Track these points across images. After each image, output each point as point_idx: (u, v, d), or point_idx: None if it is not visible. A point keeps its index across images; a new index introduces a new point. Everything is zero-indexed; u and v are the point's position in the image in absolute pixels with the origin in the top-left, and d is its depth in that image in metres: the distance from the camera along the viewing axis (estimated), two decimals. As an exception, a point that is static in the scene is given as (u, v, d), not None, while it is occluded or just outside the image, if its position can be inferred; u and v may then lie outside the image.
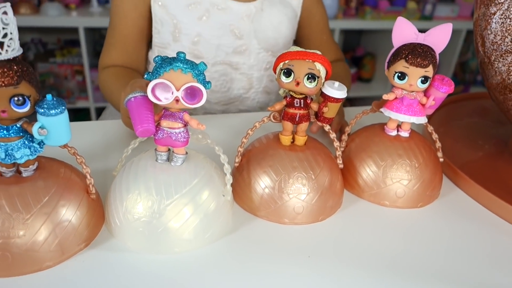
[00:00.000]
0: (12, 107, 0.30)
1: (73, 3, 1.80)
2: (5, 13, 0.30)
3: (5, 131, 0.32)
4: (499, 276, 0.37)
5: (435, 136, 0.46)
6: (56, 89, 1.90)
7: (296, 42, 0.78)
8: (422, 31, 0.42)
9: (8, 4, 0.30)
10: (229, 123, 0.60)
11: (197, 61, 0.35)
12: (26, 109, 0.31)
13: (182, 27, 0.66)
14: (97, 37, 2.05)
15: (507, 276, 0.37)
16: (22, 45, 1.63)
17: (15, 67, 0.30)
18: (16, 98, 0.30)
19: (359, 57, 2.36)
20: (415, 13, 2.09)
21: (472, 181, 0.46)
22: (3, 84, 0.30)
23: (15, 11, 1.67)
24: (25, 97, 0.31)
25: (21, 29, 1.94)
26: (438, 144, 0.47)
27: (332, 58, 0.79)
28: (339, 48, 0.81)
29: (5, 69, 0.30)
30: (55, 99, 0.32)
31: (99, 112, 1.93)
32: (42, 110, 0.31)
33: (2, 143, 0.32)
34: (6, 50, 0.30)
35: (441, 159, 0.47)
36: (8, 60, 0.30)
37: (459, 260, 0.38)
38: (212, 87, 0.71)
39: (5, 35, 0.30)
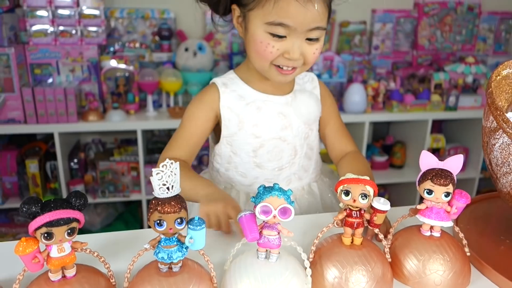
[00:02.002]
0: (176, 226, 0.48)
1: (132, 109, 2.08)
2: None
3: (168, 241, 0.48)
4: None
5: (461, 235, 0.60)
6: (114, 184, 2.12)
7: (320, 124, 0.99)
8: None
9: (177, 164, 0.49)
10: (298, 225, 0.75)
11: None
12: (183, 226, 0.48)
13: (245, 119, 0.88)
14: (149, 136, 2.32)
15: None
16: (84, 145, 1.92)
17: (178, 201, 0.48)
18: (179, 220, 0.47)
19: (390, 145, 2.51)
20: (439, 105, 2.25)
21: (495, 271, 0.59)
22: (172, 212, 0.47)
23: (85, 119, 1.96)
24: (183, 218, 0.48)
25: (87, 132, 2.24)
26: (465, 241, 0.60)
27: (348, 149, 0.97)
28: (352, 139, 1.00)
29: (173, 202, 0.47)
30: (199, 219, 0.49)
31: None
32: (192, 226, 0.48)
33: (166, 249, 0.48)
34: (174, 190, 0.48)
35: (468, 253, 0.60)
36: (174, 196, 0.48)
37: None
38: (269, 157, 0.91)
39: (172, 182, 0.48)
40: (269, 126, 0.90)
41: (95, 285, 0.49)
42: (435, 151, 2.37)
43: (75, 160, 2.09)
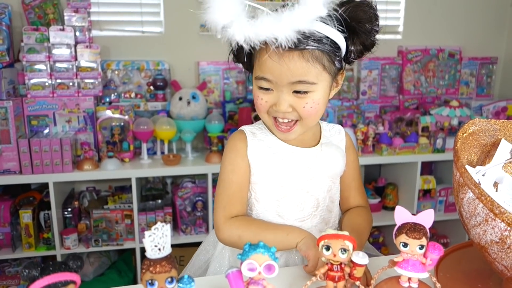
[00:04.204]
0: (166, 284, 0.51)
1: (127, 157, 2.13)
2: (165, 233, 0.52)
3: (160, 300, 0.52)
4: None
5: (438, 285, 0.64)
6: (107, 232, 2.12)
7: None
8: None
9: (168, 226, 0.53)
10: (284, 277, 0.78)
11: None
12: (173, 285, 0.51)
13: (270, 168, 0.89)
14: (143, 183, 2.35)
15: None
16: (78, 194, 1.96)
17: (169, 260, 0.51)
18: (169, 279, 0.51)
19: (382, 187, 2.55)
20: (427, 147, 2.32)
21: (471, 319, 0.62)
22: (163, 271, 0.50)
23: (80, 168, 1.99)
24: (173, 278, 0.51)
25: (81, 181, 2.27)
26: (441, 291, 0.64)
27: (357, 203, 1.00)
28: (365, 195, 1.03)
29: (164, 263, 0.51)
30: (188, 277, 0.53)
31: (142, 251, 2.12)
32: (182, 285, 0.52)
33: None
34: (165, 251, 0.52)
35: (445, 303, 0.63)
36: (165, 257, 0.52)
37: None
38: (291, 207, 0.91)
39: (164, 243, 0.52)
40: (294, 177, 0.90)
41: None
42: (426, 192, 2.41)
43: (69, 209, 2.10)
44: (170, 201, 2.24)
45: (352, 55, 0.85)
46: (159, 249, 0.52)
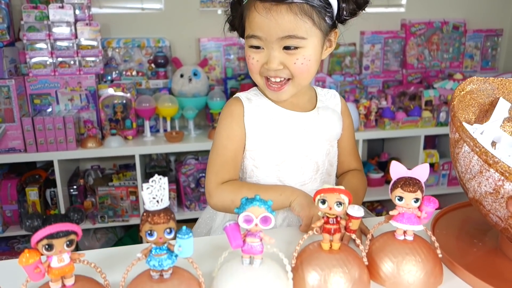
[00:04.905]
0: (165, 235, 0.52)
1: (130, 135, 2.14)
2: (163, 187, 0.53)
3: (159, 250, 0.53)
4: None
5: (433, 238, 0.65)
6: (113, 209, 2.15)
7: None
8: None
9: (166, 179, 0.54)
10: (283, 236, 0.80)
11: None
12: (172, 235, 0.53)
13: (269, 133, 0.89)
14: (147, 161, 2.37)
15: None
16: (83, 172, 1.98)
17: (167, 212, 0.53)
18: (168, 230, 0.52)
19: (385, 162, 2.55)
20: (430, 121, 2.32)
21: (466, 271, 0.63)
22: (162, 222, 0.52)
23: (84, 146, 2.01)
24: (172, 229, 0.53)
25: (86, 159, 2.30)
26: (436, 244, 0.65)
27: (352, 167, 1.01)
28: (359, 158, 1.04)
29: (162, 214, 0.52)
30: (186, 229, 0.54)
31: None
32: (181, 236, 0.53)
33: (157, 257, 0.53)
34: (163, 203, 0.53)
35: (440, 255, 0.64)
36: (164, 209, 0.53)
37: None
38: (291, 172, 0.92)
39: (162, 196, 0.53)
40: (292, 141, 0.90)
41: (92, 293, 0.53)
42: (429, 166, 2.42)
43: (74, 187, 2.13)
44: (174, 178, 2.26)
45: (345, 12, 0.84)
46: (157, 201, 0.53)
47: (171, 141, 2.09)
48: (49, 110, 2.05)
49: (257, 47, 0.83)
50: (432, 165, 2.43)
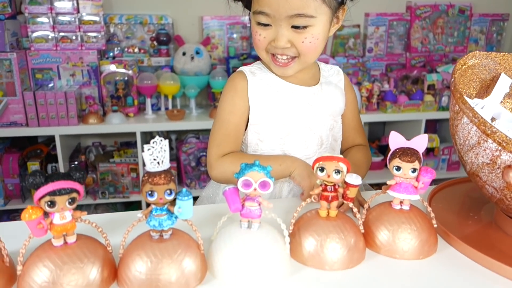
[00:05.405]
0: (165, 196, 0.53)
1: (132, 112, 2.14)
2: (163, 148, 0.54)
3: (159, 211, 0.54)
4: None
5: (429, 208, 0.66)
6: (114, 185, 2.17)
7: None
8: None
9: (167, 141, 0.54)
10: (283, 206, 0.81)
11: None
12: (172, 197, 0.54)
13: (273, 107, 0.89)
14: (148, 138, 2.38)
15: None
16: (84, 148, 1.98)
17: (168, 174, 0.53)
18: (168, 191, 0.53)
19: (385, 146, 2.55)
20: (432, 105, 2.31)
21: (460, 240, 0.64)
22: (163, 183, 0.52)
23: (85, 121, 2.02)
24: (172, 190, 0.53)
25: (87, 136, 2.30)
26: (432, 215, 0.66)
27: (357, 142, 1.02)
28: (365, 135, 1.04)
29: (163, 175, 0.53)
30: (186, 191, 0.55)
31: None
32: (180, 197, 0.54)
33: (157, 218, 0.54)
34: (164, 165, 0.54)
35: (435, 225, 0.65)
36: (164, 170, 0.54)
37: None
38: (296, 145, 0.92)
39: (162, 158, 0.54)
40: (296, 114, 0.90)
41: (94, 251, 0.54)
42: (429, 151, 2.42)
43: (76, 162, 2.14)
44: (175, 156, 2.27)
45: None
46: (158, 163, 0.53)
47: (172, 119, 2.10)
48: (51, 85, 2.05)
49: (265, 25, 0.82)
50: (432, 150, 2.44)
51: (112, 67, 2.10)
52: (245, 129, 0.93)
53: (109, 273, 0.55)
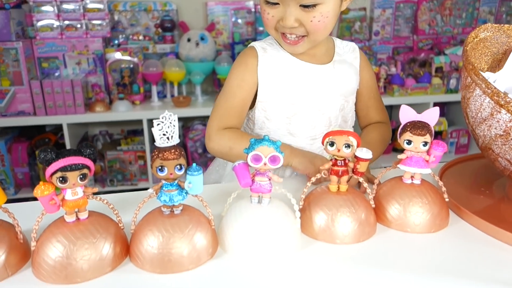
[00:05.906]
0: (176, 171, 0.53)
1: (138, 99, 2.14)
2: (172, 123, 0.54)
3: (170, 186, 0.54)
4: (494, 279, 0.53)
5: (440, 183, 0.65)
6: (122, 172, 2.18)
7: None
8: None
9: (176, 116, 0.54)
10: (292, 185, 0.81)
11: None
12: (182, 172, 0.54)
13: (281, 85, 0.88)
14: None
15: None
16: (92, 137, 1.99)
17: (178, 149, 0.53)
18: (178, 166, 0.53)
19: (392, 130, 2.53)
20: (440, 88, 2.28)
21: (472, 214, 0.64)
22: (172, 158, 0.52)
23: (92, 110, 2.02)
24: (182, 165, 0.53)
25: (94, 124, 2.30)
26: (444, 189, 0.65)
27: (374, 120, 0.99)
28: (384, 111, 1.01)
29: (173, 150, 0.53)
30: (196, 165, 0.55)
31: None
32: (191, 172, 0.54)
33: (167, 193, 0.54)
34: (173, 140, 0.53)
35: (447, 199, 0.65)
36: (174, 145, 0.53)
37: (460, 270, 0.55)
38: (302, 125, 0.91)
39: (172, 133, 0.54)
40: (305, 94, 0.89)
41: (106, 227, 0.54)
42: (437, 134, 2.40)
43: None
44: (182, 143, 2.27)
45: None
46: (168, 138, 0.53)
47: (178, 106, 2.09)
48: (57, 73, 2.05)
49: (274, 3, 0.81)
50: (440, 133, 2.41)
51: (118, 55, 2.10)
52: (253, 106, 0.92)
53: (122, 249, 0.55)
